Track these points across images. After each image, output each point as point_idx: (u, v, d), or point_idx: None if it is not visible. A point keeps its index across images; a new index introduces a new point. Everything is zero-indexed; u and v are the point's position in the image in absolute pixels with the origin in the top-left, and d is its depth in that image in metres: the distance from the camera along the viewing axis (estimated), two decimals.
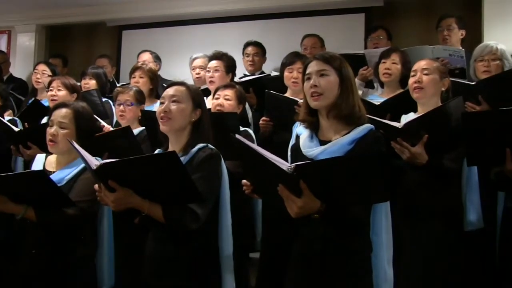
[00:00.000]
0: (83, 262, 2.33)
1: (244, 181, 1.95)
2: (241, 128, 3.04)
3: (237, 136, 1.83)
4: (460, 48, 3.79)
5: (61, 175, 2.35)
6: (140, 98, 3.27)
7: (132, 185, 1.98)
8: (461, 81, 3.08)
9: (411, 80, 2.72)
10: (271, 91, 3.14)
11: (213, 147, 2.17)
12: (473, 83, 3.08)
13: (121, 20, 6.13)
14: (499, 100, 2.80)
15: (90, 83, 4.06)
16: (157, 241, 2.16)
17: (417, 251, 2.52)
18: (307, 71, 2.00)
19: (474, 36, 4.68)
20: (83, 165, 2.32)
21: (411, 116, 2.71)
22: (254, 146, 1.81)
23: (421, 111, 2.66)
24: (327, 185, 1.70)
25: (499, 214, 2.59)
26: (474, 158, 2.41)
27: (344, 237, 1.85)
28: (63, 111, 2.45)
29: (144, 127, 3.11)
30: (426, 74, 2.67)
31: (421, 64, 2.72)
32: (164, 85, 3.75)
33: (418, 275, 2.50)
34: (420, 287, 2.50)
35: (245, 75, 4.27)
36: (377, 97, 3.27)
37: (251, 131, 3.12)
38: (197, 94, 2.28)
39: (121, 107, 3.19)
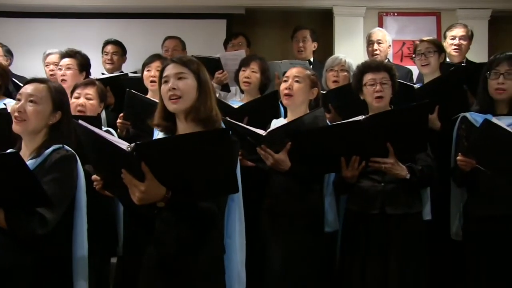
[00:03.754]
0: None
1: (94, 176, 1.89)
2: (104, 129, 2.93)
3: (79, 121, 1.77)
4: (306, 61, 4.02)
5: None
6: None
7: None
8: None
9: (282, 86, 2.80)
10: (132, 90, 3.07)
11: (70, 149, 2.07)
12: (324, 92, 3.31)
13: None
14: (345, 108, 3.05)
15: None
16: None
17: (279, 252, 2.62)
18: (165, 74, 1.95)
19: (326, 48, 5.06)
20: None
21: (281, 121, 2.82)
22: (95, 128, 1.74)
23: (290, 117, 2.77)
24: (170, 169, 1.66)
25: (341, 216, 2.78)
26: (317, 168, 2.61)
27: (197, 239, 1.85)
28: None
29: None
30: (297, 82, 2.76)
31: (293, 71, 2.82)
32: (16, 81, 3.51)
33: (279, 275, 2.60)
34: (280, 285, 2.60)
35: (103, 74, 4.13)
36: (238, 102, 3.35)
37: (113, 132, 3.02)
38: (59, 95, 2.15)
39: None
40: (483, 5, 5.09)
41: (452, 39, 3.77)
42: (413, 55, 3.46)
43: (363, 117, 2.48)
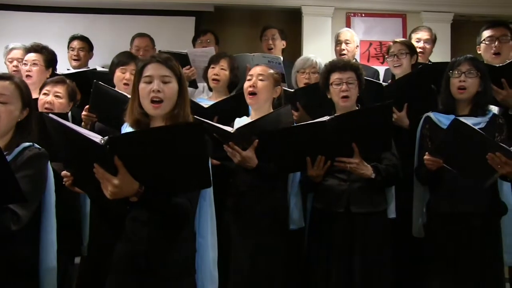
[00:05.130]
0: None
1: (64, 172, 1.86)
2: None
3: (50, 115, 1.75)
4: (278, 56, 4.05)
5: None
6: None
7: None
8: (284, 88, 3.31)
9: (246, 84, 2.81)
10: (100, 82, 3.00)
11: (40, 147, 2.03)
12: (293, 90, 3.33)
13: None
14: (313, 107, 3.08)
15: None
16: None
17: (245, 249, 2.63)
18: (147, 73, 1.93)
19: (295, 47, 5.09)
20: None
21: (244, 120, 2.81)
22: (66, 122, 1.72)
23: (254, 116, 2.78)
24: (144, 163, 1.66)
25: (308, 214, 2.82)
26: (284, 167, 2.64)
27: (168, 237, 1.85)
28: None
29: None
30: (260, 80, 2.77)
31: (257, 69, 2.83)
32: None
33: (245, 273, 2.61)
34: (247, 284, 2.61)
35: (69, 70, 4.04)
36: (206, 100, 3.35)
37: None
38: (26, 91, 2.11)
39: None
40: (446, 9, 5.23)
41: (417, 41, 3.86)
42: (386, 56, 3.52)
43: (328, 118, 2.51)
